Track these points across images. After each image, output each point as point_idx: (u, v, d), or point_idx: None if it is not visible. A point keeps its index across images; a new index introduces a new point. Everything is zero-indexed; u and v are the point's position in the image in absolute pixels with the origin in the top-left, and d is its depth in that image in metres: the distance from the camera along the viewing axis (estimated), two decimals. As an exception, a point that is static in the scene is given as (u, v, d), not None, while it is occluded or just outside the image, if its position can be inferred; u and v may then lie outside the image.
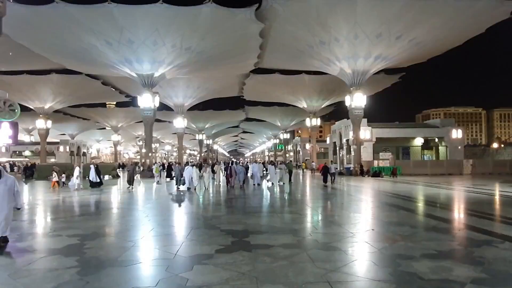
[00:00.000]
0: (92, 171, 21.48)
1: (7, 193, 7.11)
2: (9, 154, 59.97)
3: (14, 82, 36.75)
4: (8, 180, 7.20)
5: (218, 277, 5.26)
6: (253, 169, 23.33)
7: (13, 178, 7.35)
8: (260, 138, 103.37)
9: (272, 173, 22.76)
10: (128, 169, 22.33)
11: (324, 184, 21.97)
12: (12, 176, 7.46)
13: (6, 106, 12.86)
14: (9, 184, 7.16)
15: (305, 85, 42.91)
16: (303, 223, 10.51)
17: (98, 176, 21.43)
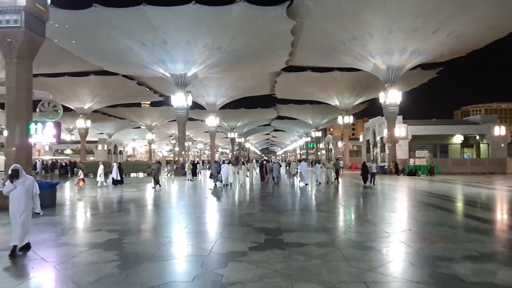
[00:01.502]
0: (115, 170, 22.16)
1: (24, 195, 6.54)
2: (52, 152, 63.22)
3: (56, 84, 38.58)
4: (26, 181, 6.64)
5: (252, 274, 5.30)
6: (302, 168, 21.74)
7: (32, 179, 6.82)
8: (292, 136, 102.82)
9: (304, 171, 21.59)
10: (153, 168, 21.57)
11: (364, 184, 20.30)
12: (31, 176, 6.94)
13: (50, 107, 13.53)
14: (27, 186, 6.60)
15: (337, 82, 42.21)
16: (336, 221, 10.37)
17: (120, 174, 22.06)
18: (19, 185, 6.50)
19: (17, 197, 6.46)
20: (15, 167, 6.58)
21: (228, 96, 46.65)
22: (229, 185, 20.37)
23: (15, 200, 6.46)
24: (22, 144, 12.42)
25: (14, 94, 12.29)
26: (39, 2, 12.40)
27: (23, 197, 6.48)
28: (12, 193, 6.49)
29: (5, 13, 11.83)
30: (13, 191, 6.47)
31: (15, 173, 6.51)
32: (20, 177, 6.55)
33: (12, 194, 6.50)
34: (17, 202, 6.47)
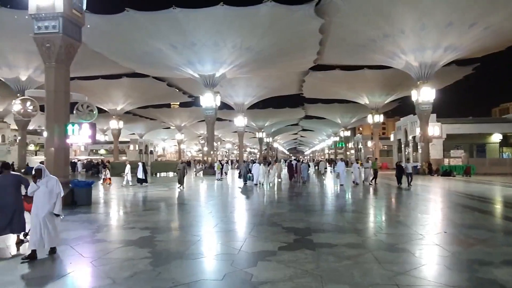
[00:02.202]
0: (140, 169, 22.68)
1: (47, 196, 6.29)
2: (87, 152, 65.77)
3: (91, 86, 40.03)
4: (49, 182, 6.38)
5: (282, 274, 5.29)
6: (339, 168, 20.85)
7: (55, 180, 6.50)
8: (320, 135, 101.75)
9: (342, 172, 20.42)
10: (179, 168, 21.12)
11: (398, 185, 19.51)
12: (54, 176, 6.61)
13: (85, 108, 14.08)
14: (50, 186, 6.34)
15: (367, 81, 41.38)
16: (367, 222, 10.17)
17: (144, 173, 22.56)
18: (42, 185, 6.29)
19: (40, 198, 6.24)
20: (38, 167, 6.46)
21: (256, 96, 46.76)
22: (259, 184, 20.81)
23: (38, 201, 6.27)
24: (61, 145, 13.00)
25: (53, 97, 12.87)
26: (75, 8, 12.93)
27: (45, 198, 6.26)
28: (35, 194, 6.33)
29: (44, 20, 12.42)
30: (36, 191, 6.31)
31: (38, 173, 6.34)
32: (43, 177, 6.34)
33: (35, 195, 6.33)
34: (39, 203, 6.24)
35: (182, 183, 20.13)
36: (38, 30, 12.50)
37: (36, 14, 12.41)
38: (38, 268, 5.76)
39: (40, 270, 5.70)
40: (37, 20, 12.48)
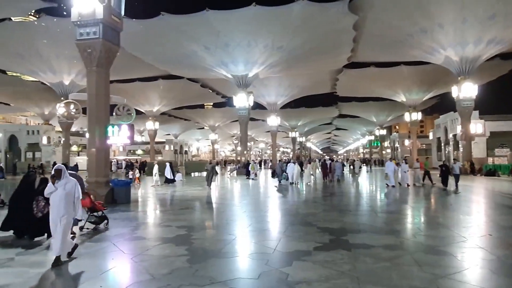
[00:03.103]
0: (168, 169, 23.13)
1: (64, 199, 5.89)
2: (125, 153, 68.19)
3: (128, 89, 41.46)
4: (68, 184, 5.99)
5: (318, 274, 5.25)
6: (388, 168, 19.48)
7: (74, 182, 6.12)
8: (354, 134, 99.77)
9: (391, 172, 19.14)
10: (207, 168, 20.59)
11: (443, 187, 17.75)
12: (73, 178, 6.23)
13: (124, 110, 14.63)
14: (68, 189, 5.96)
15: (404, 77, 40.08)
16: (405, 223, 9.87)
17: (172, 173, 22.94)
18: (60, 187, 5.91)
19: (57, 201, 5.89)
20: (58, 167, 6.11)
21: (289, 95, 46.55)
22: (294, 184, 20.96)
23: (54, 204, 5.93)
24: (102, 146, 13.58)
25: (94, 100, 13.47)
26: (114, 14, 13.47)
27: (63, 201, 5.87)
28: (52, 196, 5.95)
29: (86, 26, 13.03)
30: (53, 194, 5.94)
31: (57, 174, 5.97)
32: (62, 179, 5.97)
33: (52, 198, 5.96)
34: (57, 207, 5.89)
35: (210, 184, 19.74)
36: (80, 36, 13.13)
37: (78, 21, 13.04)
38: (84, 263, 6.05)
39: (85, 265, 5.98)
40: (79, 27, 13.12)
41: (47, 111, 47.86)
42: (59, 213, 5.83)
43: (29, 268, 5.76)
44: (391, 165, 19.75)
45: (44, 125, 49.42)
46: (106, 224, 8.91)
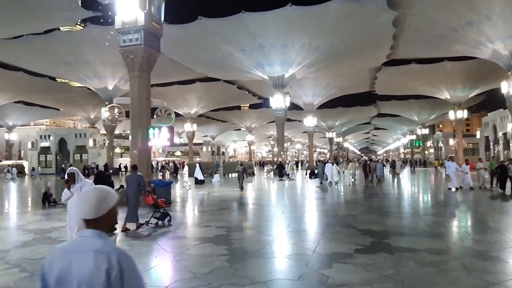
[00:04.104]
0: (198, 170, 23.36)
1: None
2: (164, 154, 70.27)
3: (168, 92, 42.71)
4: (84, 187, 5.62)
5: (359, 277, 5.14)
6: (450, 169, 17.67)
7: (90, 184, 5.77)
8: (394, 134, 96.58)
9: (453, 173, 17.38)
10: (238, 170, 19.61)
11: (501, 191, 16.11)
12: (89, 181, 5.94)
13: (164, 113, 15.08)
14: None
15: (447, 73, 38.26)
16: (451, 227, 9.42)
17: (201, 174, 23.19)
18: (76, 192, 5.54)
19: (73, 207, 5.49)
20: (70, 170, 5.71)
21: (326, 95, 45.91)
22: (334, 184, 20.89)
23: (72, 210, 5.55)
24: (143, 147, 14.08)
25: (137, 103, 14.00)
26: (154, 21, 13.94)
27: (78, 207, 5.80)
28: (69, 202, 5.59)
29: (128, 33, 13.58)
30: (70, 199, 5.59)
31: (70, 178, 5.61)
32: (77, 182, 5.61)
33: (69, 204, 5.59)
34: (74, 212, 5.47)
35: (242, 186, 18.86)
36: (124, 43, 13.71)
37: (121, 28, 13.63)
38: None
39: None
40: (122, 34, 13.70)
41: (93, 115, 50.39)
42: (76, 219, 5.38)
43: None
44: (453, 165, 17.78)
45: (90, 128, 52.11)
46: (169, 221, 9.59)
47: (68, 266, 1.59)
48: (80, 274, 1.56)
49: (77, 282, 1.56)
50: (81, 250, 1.62)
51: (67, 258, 1.62)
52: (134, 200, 9.03)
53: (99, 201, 1.72)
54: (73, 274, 1.57)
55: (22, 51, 29.37)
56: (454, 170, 17.49)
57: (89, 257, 1.58)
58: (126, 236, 8.28)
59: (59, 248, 1.70)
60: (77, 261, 1.59)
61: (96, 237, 1.66)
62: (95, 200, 1.72)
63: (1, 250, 7.01)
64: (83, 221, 1.72)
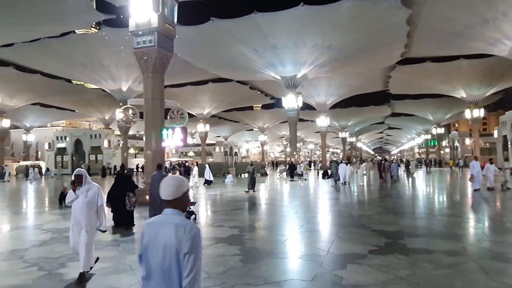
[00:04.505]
0: (207, 170, 23.47)
1: (86, 207, 5.24)
2: (178, 155, 70.83)
3: (180, 93, 43.03)
4: (90, 190, 5.34)
5: (374, 278, 5.09)
6: (474, 170, 16.96)
7: (97, 187, 5.45)
8: (409, 134, 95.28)
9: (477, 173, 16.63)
10: (248, 170, 19.18)
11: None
12: (96, 184, 5.52)
13: (177, 114, 15.20)
14: (90, 196, 5.31)
15: (463, 72, 37.56)
16: (468, 228, 9.24)
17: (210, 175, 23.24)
18: (81, 194, 5.26)
19: (78, 210, 5.24)
20: (78, 172, 5.42)
21: (338, 95, 45.61)
22: (347, 184, 20.87)
23: (76, 214, 5.27)
24: (157, 148, 14.22)
25: (150, 104, 14.15)
26: (168, 22, 14.07)
27: (84, 210, 5.22)
28: (73, 205, 5.32)
29: (142, 35, 13.74)
30: (74, 202, 5.31)
31: (78, 180, 5.32)
32: (84, 185, 5.33)
33: (73, 206, 5.31)
34: (78, 216, 5.24)
35: (253, 187, 18.36)
36: (137, 45, 13.88)
37: (135, 31, 13.80)
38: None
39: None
40: (136, 36, 13.87)
41: (108, 116, 51.13)
42: (81, 223, 5.22)
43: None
44: (477, 165, 16.93)
45: (105, 130, 52.87)
46: (194, 219, 9.85)
47: (155, 235, 2.17)
48: (164, 241, 2.12)
49: (163, 246, 2.11)
50: (164, 223, 2.18)
51: (154, 229, 2.20)
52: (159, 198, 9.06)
53: (176, 186, 2.25)
54: (159, 241, 2.14)
55: (39, 54, 30.04)
56: (479, 170, 16.73)
57: (171, 228, 2.14)
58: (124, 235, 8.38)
59: (148, 222, 2.30)
60: (162, 232, 2.16)
61: (175, 214, 2.22)
62: (173, 186, 2.25)
63: (20, 249, 7.18)
64: (164, 202, 2.24)
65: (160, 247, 2.12)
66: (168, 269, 2.10)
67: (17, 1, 20.84)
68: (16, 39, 26.89)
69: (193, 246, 2.10)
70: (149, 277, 2.16)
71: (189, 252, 2.08)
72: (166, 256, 2.10)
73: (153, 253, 2.15)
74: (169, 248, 2.10)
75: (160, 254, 2.12)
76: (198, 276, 2.11)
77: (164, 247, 2.11)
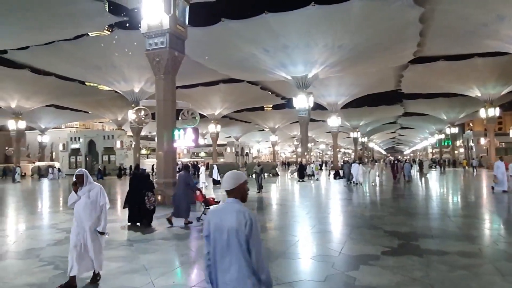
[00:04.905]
0: (215, 171, 23.55)
1: (88, 209, 5.02)
2: (189, 155, 71.23)
3: (192, 94, 43.29)
4: (92, 191, 5.11)
5: (387, 279, 5.04)
6: (499, 170, 15.92)
7: (99, 188, 5.20)
8: (422, 133, 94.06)
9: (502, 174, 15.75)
10: (255, 171, 18.85)
11: None
12: (98, 184, 5.27)
13: (189, 114, 15.30)
14: (92, 196, 5.07)
15: (478, 70, 36.92)
16: (483, 229, 9.07)
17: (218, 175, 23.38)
18: (83, 195, 5.05)
19: (80, 212, 5.02)
20: (79, 171, 5.17)
21: (350, 94, 45.30)
22: (359, 184, 20.79)
23: (79, 215, 5.05)
24: (169, 149, 14.32)
25: (162, 105, 14.28)
26: (179, 24, 14.17)
27: (86, 212, 5.00)
28: (76, 206, 5.09)
29: (154, 37, 13.88)
30: (76, 203, 5.08)
31: (79, 180, 5.09)
32: (85, 185, 5.09)
33: (76, 208, 5.09)
34: (78, 218, 5.04)
35: (261, 187, 18.18)
36: (149, 46, 14.02)
37: (147, 32, 13.94)
38: (158, 259, 6.42)
39: (160, 260, 6.33)
40: (148, 38, 14.01)
41: (120, 117, 51.73)
42: (84, 225, 5.02)
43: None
44: (502, 165, 16.01)
45: (118, 130, 53.49)
46: None
47: (220, 220, 2.60)
48: (228, 225, 2.55)
49: (227, 230, 2.55)
50: (227, 210, 2.63)
51: (219, 215, 2.65)
52: (183, 197, 9.83)
53: (234, 179, 2.70)
54: (223, 224, 2.57)
55: (54, 56, 30.58)
56: (504, 171, 15.82)
57: (233, 215, 2.57)
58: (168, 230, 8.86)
59: (213, 210, 2.79)
60: (225, 217, 2.59)
61: (236, 203, 2.65)
62: (231, 178, 2.70)
63: (36, 248, 7.31)
64: (226, 192, 2.69)
65: (225, 229, 2.56)
66: (230, 246, 2.54)
67: (32, 4, 21.24)
68: (31, 42, 27.44)
69: (252, 229, 2.51)
70: (215, 252, 2.62)
71: (251, 234, 2.51)
72: (229, 236, 2.54)
73: (218, 234, 2.59)
74: (231, 230, 2.54)
75: (224, 235, 2.56)
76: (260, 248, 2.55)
77: (227, 229, 2.55)
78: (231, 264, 2.53)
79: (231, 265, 2.53)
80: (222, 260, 2.57)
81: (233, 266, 2.53)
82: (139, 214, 9.61)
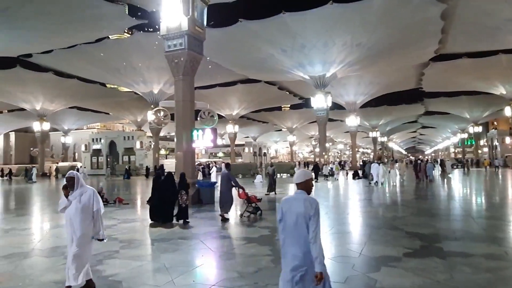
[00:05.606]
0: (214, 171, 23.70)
1: (80, 214, 4.60)
2: (207, 155, 71.77)
3: (210, 94, 43.63)
4: (84, 195, 4.71)
5: (410, 282, 4.95)
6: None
7: (91, 191, 4.79)
8: (444, 133, 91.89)
9: None
10: (268, 172, 18.42)
11: None
12: (91, 188, 4.88)
13: (207, 115, 15.43)
14: (84, 201, 4.66)
15: (503, 67, 35.79)
16: (510, 231, 8.80)
17: None
18: (74, 200, 4.66)
19: (72, 216, 4.63)
20: (70, 174, 4.81)
21: (369, 93, 44.68)
22: (380, 184, 20.62)
23: (68, 222, 4.68)
24: (188, 149, 14.47)
25: (181, 106, 14.43)
26: (197, 25, 14.30)
27: (77, 217, 4.60)
28: (66, 212, 4.69)
29: (173, 39, 14.05)
30: (67, 208, 4.68)
31: (69, 183, 4.70)
32: (76, 189, 4.70)
33: (66, 214, 4.69)
34: (70, 224, 4.64)
35: (274, 189, 17.44)
36: (168, 48, 14.20)
37: (166, 34, 14.13)
38: (177, 258, 6.49)
39: (178, 260, 6.41)
40: (167, 39, 14.19)
41: (140, 118, 52.62)
42: (74, 232, 4.62)
43: (131, 261, 6.37)
44: None
45: (138, 131, 54.41)
46: (260, 215, 10.83)
47: (290, 206, 3.27)
48: (297, 211, 3.20)
49: (295, 214, 3.19)
50: (296, 198, 3.28)
51: (289, 203, 3.31)
52: (227, 193, 10.75)
53: (303, 175, 3.36)
54: (292, 209, 3.23)
55: (76, 59, 31.39)
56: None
57: (301, 202, 3.21)
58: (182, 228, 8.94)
59: (285, 199, 3.39)
60: (294, 204, 3.25)
61: (302, 193, 3.29)
62: (302, 174, 3.37)
63: (60, 246, 7.50)
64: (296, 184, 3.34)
65: (294, 213, 3.20)
66: (299, 226, 3.17)
67: (55, 9, 21.87)
68: (55, 45, 28.25)
69: (315, 212, 3.15)
70: (286, 231, 3.27)
71: (314, 215, 3.14)
72: (297, 218, 3.18)
73: (289, 217, 3.24)
74: (299, 213, 3.17)
75: (294, 217, 3.20)
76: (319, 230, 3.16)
77: (296, 213, 3.19)
78: (299, 239, 3.16)
79: (299, 239, 3.16)
80: (291, 236, 3.22)
81: (300, 240, 3.16)
82: (167, 212, 10.07)
